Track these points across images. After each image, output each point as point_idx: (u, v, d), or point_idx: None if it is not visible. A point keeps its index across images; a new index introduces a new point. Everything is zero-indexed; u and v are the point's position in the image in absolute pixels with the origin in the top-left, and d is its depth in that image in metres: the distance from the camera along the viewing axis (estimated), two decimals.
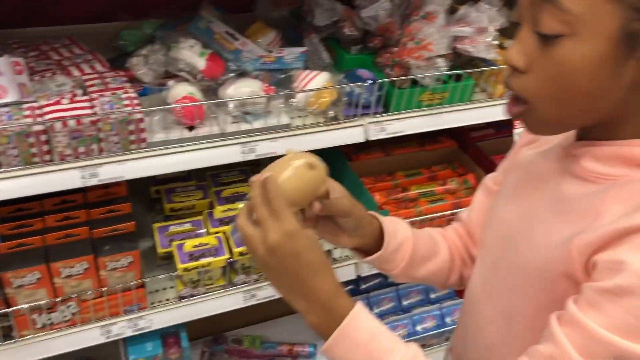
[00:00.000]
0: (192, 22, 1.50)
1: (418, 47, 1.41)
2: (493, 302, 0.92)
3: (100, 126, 1.21)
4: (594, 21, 0.66)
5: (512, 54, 0.73)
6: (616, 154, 0.76)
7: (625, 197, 0.72)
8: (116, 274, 1.34)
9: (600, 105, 0.73)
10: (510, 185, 0.95)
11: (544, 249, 0.79)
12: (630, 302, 0.66)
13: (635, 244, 0.66)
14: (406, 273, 1.04)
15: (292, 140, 1.41)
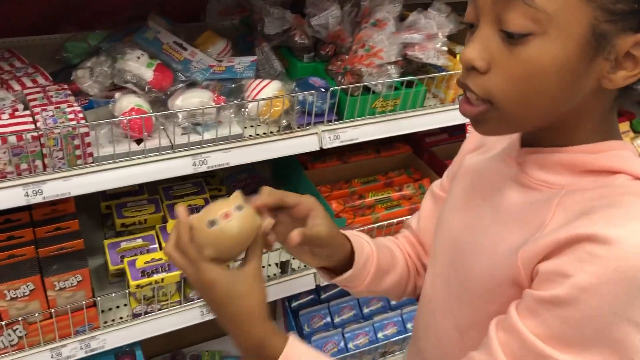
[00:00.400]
0: (139, 32, 1.47)
1: (369, 54, 1.42)
2: (445, 314, 0.91)
3: (44, 141, 1.17)
4: (565, 20, 0.65)
5: (472, 54, 0.70)
6: (561, 162, 0.75)
7: (567, 206, 0.72)
8: (65, 294, 1.29)
9: (562, 106, 0.72)
10: (456, 192, 0.95)
11: (490, 259, 0.78)
12: (567, 313, 0.66)
13: (575, 255, 0.65)
14: (369, 288, 1.03)
15: (245, 150, 1.40)
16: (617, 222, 0.65)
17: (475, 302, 0.82)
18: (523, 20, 0.65)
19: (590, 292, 0.64)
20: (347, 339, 1.81)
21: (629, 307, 0.64)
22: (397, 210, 1.71)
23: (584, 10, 0.64)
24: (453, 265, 0.88)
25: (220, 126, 1.37)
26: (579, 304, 0.65)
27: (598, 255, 0.64)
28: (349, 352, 1.78)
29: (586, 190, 0.72)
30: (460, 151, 1.04)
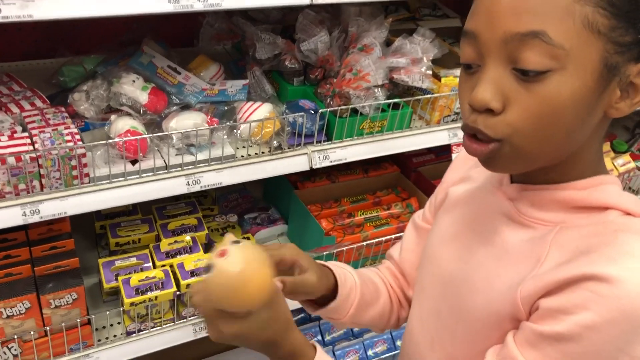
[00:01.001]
0: (134, 57, 1.52)
1: (356, 77, 1.47)
2: (435, 348, 0.90)
3: (42, 162, 1.21)
4: (581, 54, 0.66)
5: (486, 95, 0.69)
6: (555, 199, 0.76)
7: (563, 244, 0.73)
8: (60, 312, 1.32)
9: (575, 141, 0.72)
10: (444, 225, 0.94)
11: (487, 295, 0.79)
12: (570, 349, 0.67)
13: (578, 294, 0.67)
14: (352, 320, 1.02)
15: (237, 170, 1.44)
16: (616, 261, 0.67)
17: (471, 337, 0.82)
18: (541, 58, 0.65)
19: (594, 330, 0.66)
20: (338, 356, 1.84)
21: (631, 344, 0.66)
22: (385, 228, 1.75)
23: (596, 44, 0.66)
24: (445, 299, 0.88)
25: (213, 147, 1.41)
26: (582, 341, 0.66)
27: (601, 294, 0.65)
28: None
29: (580, 227, 0.73)
30: (442, 182, 1.04)
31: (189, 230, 1.56)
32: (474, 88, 0.70)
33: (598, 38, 0.66)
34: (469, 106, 0.71)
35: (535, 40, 0.65)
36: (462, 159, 1.02)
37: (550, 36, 0.65)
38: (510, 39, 0.67)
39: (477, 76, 0.71)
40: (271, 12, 1.72)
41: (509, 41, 0.67)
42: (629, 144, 2.49)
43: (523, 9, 0.66)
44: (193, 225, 1.57)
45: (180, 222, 1.57)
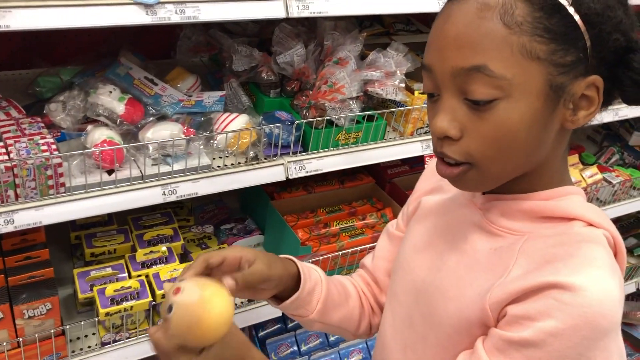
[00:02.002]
0: (111, 68, 1.53)
1: (331, 89, 1.50)
2: (407, 354, 0.92)
3: (17, 172, 1.21)
4: (524, 81, 0.70)
5: (443, 124, 0.74)
6: (522, 209, 0.80)
7: (530, 253, 0.76)
8: (34, 322, 1.31)
9: (536, 156, 0.77)
10: (417, 234, 0.97)
11: (458, 302, 0.82)
12: (535, 354, 0.70)
13: (542, 302, 0.70)
14: (321, 318, 1.03)
15: (214, 180, 1.45)
16: (579, 271, 0.70)
17: (442, 343, 0.84)
18: (486, 89, 0.71)
19: (557, 336, 0.69)
20: None
21: (592, 350, 0.69)
22: (360, 238, 1.77)
23: (538, 69, 0.71)
24: (417, 306, 0.90)
25: (190, 157, 1.43)
26: (546, 346, 0.69)
27: (564, 301, 0.69)
28: None
29: (546, 237, 0.77)
30: (414, 191, 1.07)
31: (165, 240, 1.57)
32: (433, 122, 0.76)
33: (539, 63, 0.70)
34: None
35: (478, 74, 0.70)
36: (432, 170, 1.03)
37: (491, 69, 0.70)
38: (457, 73, 0.72)
39: (437, 105, 0.76)
40: (248, 25, 1.75)
41: (456, 75, 0.72)
42: (596, 157, 2.57)
43: (465, 44, 0.71)
44: (169, 236, 1.58)
45: (156, 233, 1.57)
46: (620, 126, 2.72)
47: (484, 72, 0.70)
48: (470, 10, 0.71)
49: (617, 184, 2.29)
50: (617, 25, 0.74)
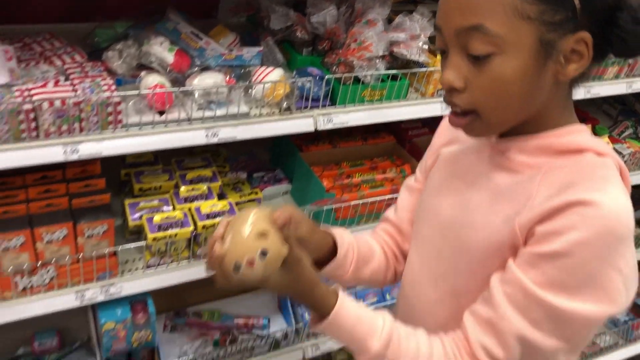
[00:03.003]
0: (161, 23, 1.69)
1: (360, 47, 1.65)
2: (438, 284, 1.04)
3: (82, 107, 1.38)
4: (516, 38, 0.81)
5: (450, 78, 0.86)
6: (537, 146, 0.92)
7: (549, 182, 0.88)
8: (92, 242, 1.50)
9: (532, 104, 0.88)
10: (437, 181, 1.11)
11: (487, 230, 0.93)
12: (564, 263, 0.83)
13: (568, 218, 0.82)
14: (355, 276, 1.16)
15: (250, 127, 1.61)
16: (598, 189, 0.83)
17: (473, 269, 0.96)
18: (483, 46, 0.82)
19: (582, 245, 0.81)
20: None
21: (613, 256, 0.82)
22: (380, 189, 1.93)
23: (529, 27, 0.81)
24: (445, 240, 1.03)
25: (230, 105, 1.59)
26: (574, 255, 0.81)
27: (586, 215, 0.81)
28: None
29: (563, 168, 0.89)
30: (431, 146, 1.21)
31: (205, 180, 1.74)
32: (442, 74, 0.89)
33: (530, 23, 0.82)
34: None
35: (477, 32, 0.82)
36: (446, 124, 1.19)
37: (488, 27, 0.82)
38: (459, 32, 0.84)
39: (446, 61, 0.89)
40: None
41: (459, 34, 0.85)
42: (610, 130, 2.67)
43: (465, 7, 0.84)
44: (208, 177, 1.75)
45: (197, 174, 1.74)
46: (635, 101, 2.82)
47: (481, 31, 0.82)
48: None
49: (627, 155, 2.40)
50: None
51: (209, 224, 1.61)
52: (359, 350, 0.94)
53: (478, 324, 0.92)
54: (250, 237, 0.87)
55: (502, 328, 0.88)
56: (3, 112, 1.29)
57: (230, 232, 0.90)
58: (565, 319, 0.85)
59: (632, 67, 2.21)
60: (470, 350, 0.91)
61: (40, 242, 1.43)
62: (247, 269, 0.87)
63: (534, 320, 0.86)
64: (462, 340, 0.93)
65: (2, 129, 1.31)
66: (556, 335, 0.86)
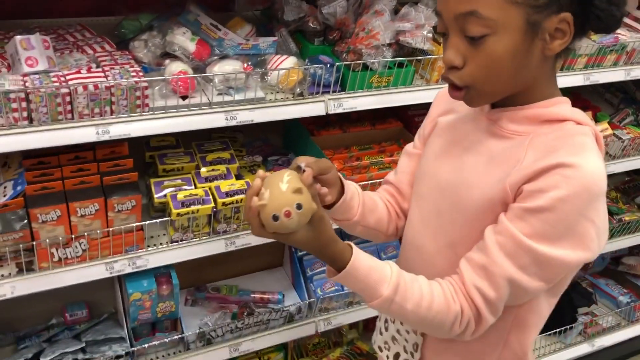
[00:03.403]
0: (182, 14, 1.82)
1: (368, 35, 1.76)
2: (437, 238, 1.18)
3: (113, 91, 1.50)
4: (506, 20, 0.95)
5: (450, 56, 0.99)
6: (525, 115, 1.06)
7: (536, 147, 1.02)
8: (121, 216, 1.63)
9: (523, 76, 1.01)
10: (436, 146, 1.23)
11: (482, 189, 1.07)
12: (547, 216, 0.96)
13: (551, 177, 0.95)
14: (361, 220, 1.27)
15: (266, 110, 1.73)
16: (577, 154, 0.96)
17: (469, 222, 1.09)
18: (478, 28, 0.95)
19: (564, 201, 0.94)
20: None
21: (588, 210, 0.96)
22: (388, 171, 2.03)
23: (517, 11, 0.95)
24: (444, 198, 1.16)
25: (248, 90, 1.71)
26: (556, 210, 0.95)
27: (567, 175, 0.94)
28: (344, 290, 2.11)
29: (547, 134, 1.02)
30: (428, 115, 1.34)
31: (224, 162, 1.86)
32: (444, 53, 1.02)
33: (518, 7, 0.95)
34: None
35: (472, 17, 0.96)
36: (442, 96, 1.32)
37: (481, 12, 0.95)
38: (457, 17, 0.97)
39: (446, 42, 1.03)
40: None
41: (457, 18, 0.98)
42: (611, 117, 2.76)
43: None
44: (227, 159, 1.88)
45: (217, 156, 1.87)
46: (636, 90, 2.90)
47: (476, 16, 0.95)
48: None
49: (626, 140, 2.49)
50: None
51: (228, 201, 1.73)
52: (371, 296, 1.05)
53: (472, 269, 1.04)
54: (287, 191, 0.98)
55: (494, 271, 1.01)
56: (43, 95, 1.42)
57: (268, 188, 1.01)
58: (547, 264, 0.98)
59: (630, 55, 2.30)
60: (465, 291, 1.04)
61: (75, 216, 1.56)
62: (285, 219, 0.97)
63: (522, 265, 0.99)
64: (458, 283, 1.06)
65: (42, 111, 1.44)
66: (539, 277, 1.00)
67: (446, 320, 1.05)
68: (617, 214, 2.79)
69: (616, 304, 2.95)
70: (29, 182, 1.53)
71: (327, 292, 2.10)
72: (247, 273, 2.24)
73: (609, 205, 2.85)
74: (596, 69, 2.27)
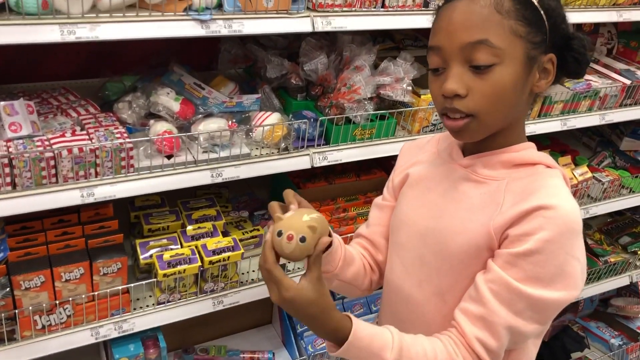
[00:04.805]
0: (166, 75, 1.84)
1: (349, 90, 1.80)
2: (423, 286, 1.17)
3: (98, 153, 1.50)
4: (512, 52, 1.00)
5: (454, 86, 1.01)
6: (499, 160, 1.11)
7: (512, 191, 1.06)
8: (106, 279, 1.59)
9: (513, 112, 1.06)
10: (411, 197, 1.24)
11: (467, 235, 1.08)
12: (537, 259, 0.98)
13: (534, 220, 0.98)
14: (340, 273, 1.24)
15: (252, 166, 1.74)
16: (554, 195, 1.01)
17: (455, 269, 1.10)
18: (487, 56, 0.99)
19: (550, 241, 0.97)
20: None
21: (573, 247, 0.99)
22: None
23: (520, 44, 1.01)
24: (426, 247, 1.16)
25: (233, 147, 1.72)
26: (544, 251, 0.97)
27: (549, 217, 0.98)
28: None
29: (522, 178, 1.07)
30: (396, 168, 1.36)
31: (210, 219, 1.85)
32: (444, 83, 1.04)
33: (520, 40, 1.01)
34: (442, 96, 1.05)
35: (482, 45, 1.00)
36: (407, 149, 1.37)
37: (492, 41, 1.00)
38: (465, 46, 1.01)
39: (444, 75, 1.05)
40: (278, 40, 2.05)
41: (464, 48, 1.01)
42: (589, 160, 2.82)
43: (472, 25, 1.01)
44: (213, 216, 1.86)
45: (202, 213, 1.86)
46: (612, 133, 2.98)
47: (486, 44, 0.99)
48: (472, 2, 1.01)
49: (606, 182, 2.54)
50: (563, 19, 1.07)
51: (215, 259, 1.71)
52: None
53: (471, 321, 1.04)
54: (304, 223, 1.01)
55: (494, 321, 1.01)
56: (27, 160, 1.41)
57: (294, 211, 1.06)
58: (543, 307, 1.00)
59: (603, 100, 2.37)
60: (466, 344, 1.03)
61: (59, 281, 1.52)
62: (285, 240, 1.00)
63: (517, 310, 1.00)
64: (457, 336, 1.05)
65: (26, 175, 1.43)
66: (535, 320, 1.01)
67: None
68: (602, 256, 2.80)
69: (608, 347, 2.93)
70: (12, 248, 1.50)
71: (318, 349, 2.06)
72: (236, 332, 2.19)
73: (594, 247, 2.87)
74: (572, 115, 2.33)
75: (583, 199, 2.53)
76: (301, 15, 1.63)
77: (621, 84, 2.39)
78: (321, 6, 1.65)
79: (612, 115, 2.43)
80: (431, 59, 1.07)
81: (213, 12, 1.51)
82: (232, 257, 1.72)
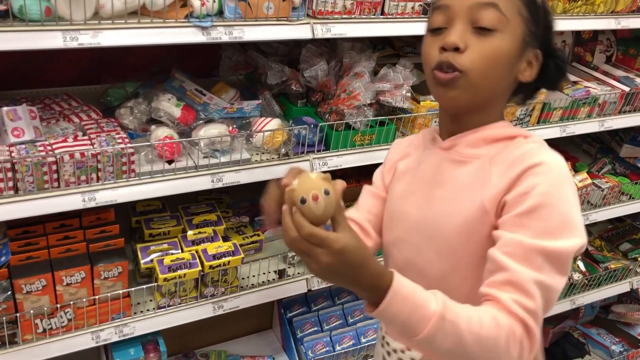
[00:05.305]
0: (168, 81, 1.86)
1: (349, 97, 1.81)
2: (425, 274, 1.14)
3: (99, 158, 1.52)
4: (514, 27, 1.06)
5: (455, 39, 1.05)
6: (480, 137, 1.13)
7: (498, 163, 1.09)
8: (107, 284, 1.60)
9: (498, 88, 1.10)
10: (400, 189, 1.26)
11: (459, 215, 1.09)
12: (540, 212, 1.00)
13: (528, 179, 1.02)
14: None
15: (252, 171, 1.75)
16: (537, 153, 1.05)
17: (454, 250, 1.11)
18: (492, 20, 1.05)
19: (548, 194, 1.00)
20: (334, 341, 2.10)
21: (568, 194, 1.03)
22: None
23: (521, 24, 1.07)
24: (421, 234, 1.17)
25: (233, 152, 1.73)
26: (545, 203, 1.00)
27: (540, 172, 1.02)
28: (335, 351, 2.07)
29: (503, 151, 1.10)
30: (387, 161, 1.38)
31: (210, 224, 1.86)
32: (444, 39, 1.07)
33: (522, 21, 1.08)
34: (439, 50, 1.07)
35: (491, 8, 1.05)
36: (397, 145, 1.40)
37: (500, 7, 1.05)
38: (473, 6, 1.06)
39: (445, 33, 1.08)
40: (279, 47, 2.07)
41: (473, 7, 1.06)
42: (589, 167, 2.83)
43: None
44: (213, 221, 1.88)
45: (203, 218, 1.87)
46: (612, 140, 2.99)
47: (495, 8, 1.05)
48: None
49: (605, 189, 2.55)
50: (553, 28, 1.13)
51: (215, 264, 1.72)
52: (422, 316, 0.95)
53: (500, 288, 1.00)
54: (316, 179, 0.98)
55: (520, 280, 0.98)
56: (29, 165, 1.43)
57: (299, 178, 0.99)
58: (558, 257, 1.00)
59: (602, 107, 2.38)
60: (507, 309, 0.98)
61: (60, 285, 1.53)
62: (312, 202, 0.94)
63: (538, 266, 0.99)
64: (494, 305, 0.99)
65: (28, 180, 1.44)
66: (556, 272, 1.00)
67: (499, 339, 0.97)
68: (602, 262, 2.81)
69: (609, 353, 2.93)
70: (14, 252, 1.51)
71: (318, 353, 2.06)
72: (236, 337, 2.19)
73: (594, 253, 2.88)
74: (571, 121, 2.34)
75: (583, 206, 2.53)
76: (301, 22, 1.65)
77: (620, 91, 2.41)
78: (321, 13, 1.67)
79: (611, 121, 2.44)
80: (434, 18, 1.11)
81: (214, 19, 1.53)
82: (232, 261, 1.73)
